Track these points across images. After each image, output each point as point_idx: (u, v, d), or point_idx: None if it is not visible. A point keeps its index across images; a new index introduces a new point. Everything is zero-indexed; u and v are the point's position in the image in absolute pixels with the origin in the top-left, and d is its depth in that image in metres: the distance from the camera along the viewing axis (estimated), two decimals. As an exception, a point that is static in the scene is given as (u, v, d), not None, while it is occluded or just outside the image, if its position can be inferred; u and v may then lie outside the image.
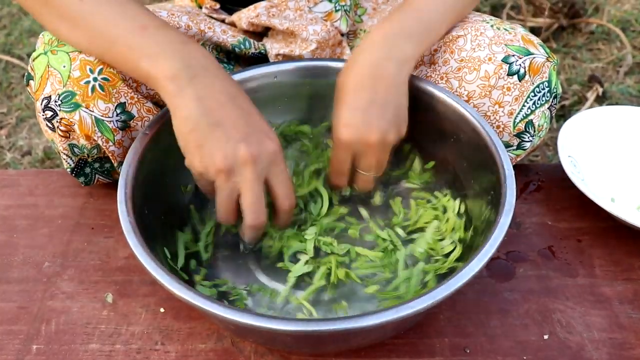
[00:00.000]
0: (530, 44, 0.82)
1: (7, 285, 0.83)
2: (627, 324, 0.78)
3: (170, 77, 0.65)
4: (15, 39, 1.91)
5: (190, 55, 0.67)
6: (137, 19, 0.68)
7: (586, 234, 0.90)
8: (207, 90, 0.66)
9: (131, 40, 0.68)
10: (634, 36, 1.83)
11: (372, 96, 0.74)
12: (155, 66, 0.66)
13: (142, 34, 0.67)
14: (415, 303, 0.58)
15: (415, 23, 0.79)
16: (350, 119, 0.74)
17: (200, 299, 0.59)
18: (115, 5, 0.69)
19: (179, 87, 0.65)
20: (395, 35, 0.77)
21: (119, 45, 0.68)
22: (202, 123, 0.65)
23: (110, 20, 0.69)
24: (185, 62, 0.66)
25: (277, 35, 0.94)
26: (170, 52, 0.66)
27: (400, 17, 0.79)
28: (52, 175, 1.01)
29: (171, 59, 0.66)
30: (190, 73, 0.66)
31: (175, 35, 0.68)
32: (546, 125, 0.87)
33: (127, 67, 0.69)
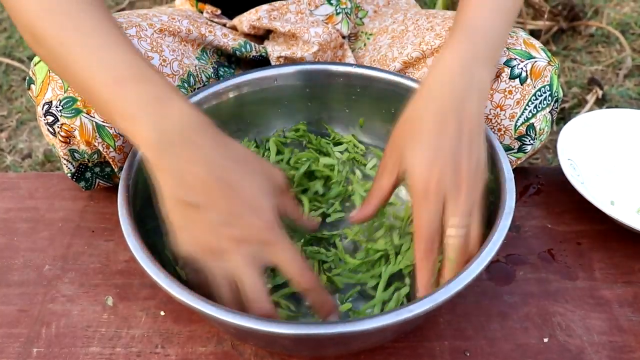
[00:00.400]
0: (532, 48, 0.83)
1: (8, 288, 0.83)
2: (627, 327, 0.78)
3: (145, 146, 0.59)
4: (16, 42, 1.92)
5: (165, 119, 0.59)
6: (114, 68, 0.60)
7: (586, 237, 0.90)
8: (183, 163, 0.58)
9: (106, 96, 0.60)
10: (634, 39, 1.83)
11: (458, 133, 0.64)
12: (130, 129, 0.59)
13: (117, 90, 0.60)
14: (416, 306, 0.58)
15: (485, 44, 0.70)
16: (435, 158, 0.63)
17: (200, 302, 0.59)
18: (93, 48, 0.61)
19: (155, 158, 0.59)
20: (473, 61, 0.69)
21: (95, 98, 0.62)
22: (180, 203, 0.59)
23: (87, 69, 0.61)
24: (158, 127, 0.58)
25: (279, 37, 0.94)
26: (145, 115, 0.58)
27: (470, 38, 0.70)
28: (52, 178, 1.01)
29: (145, 124, 0.58)
30: (164, 141, 0.58)
31: (151, 90, 0.60)
32: (547, 129, 0.87)
33: (108, 120, 0.65)
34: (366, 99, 0.89)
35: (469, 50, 0.69)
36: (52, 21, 0.62)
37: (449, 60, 0.69)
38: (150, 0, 2.12)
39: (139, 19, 0.84)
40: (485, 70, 0.70)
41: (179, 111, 0.60)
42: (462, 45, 0.70)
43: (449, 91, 0.66)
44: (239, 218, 0.58)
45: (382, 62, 0.93)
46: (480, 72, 0.69)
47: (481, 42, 0.70)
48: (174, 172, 0.58)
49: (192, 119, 0.60)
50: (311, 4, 0.94)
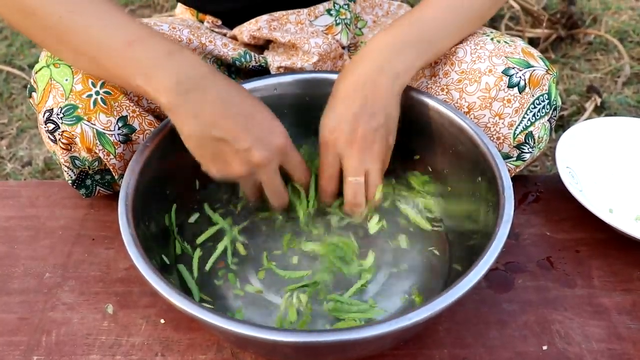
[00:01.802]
0: (530, 57, 0.83)
1: (8, 296, 0.84)
2: (626, 335, 0.78)
3: (163, 95, 0.65)
4: (17, 50, 1.92)
5: (179, 69, 0.66)
6: (121, 32, 0.66)
7: (584, 244, 0.90)
8: (201, 104, 0.66)
9: (117, 58, 0.66)
10: (632, 47, 1.84)
11: (361, 104, 0.75)
12: (146, 84, 0.65)
13: (127, 50, 0.66)
14: (414, 314, 0.58)
15: (416, 35, 0.79)
16: (337, 123, 0.75)
17: (200, 310, 0.59)
18: (98, 18, 0.67)
19: (174, 105, 0.66)
20: (393, 47, 0.77)
21: (105, 62, 0.67)
22: (205, 139, 0.68)
23: (94, 36, 0.66)
24: (174, 78, 0.65)
25: (279, 48, 0.95)
26: (159, 68, 0.65)
27: (401, 28, 0.79)
28: (53, 186, 1.01)
29: (160, 77, 0.65)
30: (181, 89, 0.65)
31: (161, 47, 0.67)
32: (546, 137, 0.87)
33: (119, 83, 0.69)
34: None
35: (393, 38, 0.78)
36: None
37: (372, 45, 0.78)
38: (150, 9, 2.12)
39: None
40: (406, 56, 0.77)
41: (190, 61, 0.67)
42: (388, 34, 0.79)
43: (362, 70, 0.77)
44: (262, 140, 0.69)
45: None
46: (398, 57, 0.77)
47: (411, 31, 0.79)
48: (194, 113, 0.66)
49: (201, 67, 0.68)
50: (311, 14, 0.95)
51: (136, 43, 0.66)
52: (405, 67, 0.77)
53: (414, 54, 0.78)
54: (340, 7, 0.96)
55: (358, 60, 0.78)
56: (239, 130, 0.68)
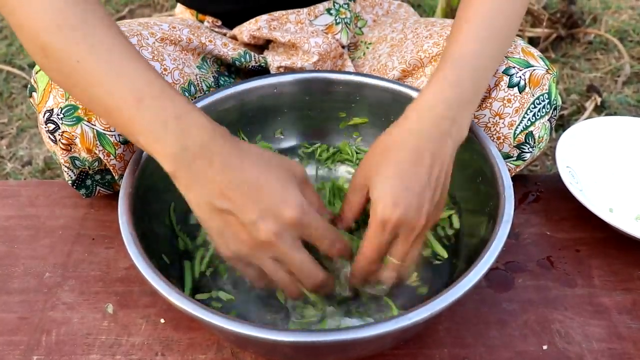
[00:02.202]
0: (530, 57, 0.83)
1: (8, 296, 0.84)
2: (626, 334, 0.78)
3: (168, 161, 0.61)
4: (17, 50, 1.92)
5: (185, 134, 0.60)
6: (133, 86, 0.61)
7: (585, 244, 0.91)
8: (206, 173, 0.60)
9: (126, 114, 0.61)
10: (632, 46, 1.84)
11: (428, 176, 0.66)
12: (152, 147, 0.61)
13: (137, 107, 0.60)
14: (414, 314, 0.58)
15: (471, 83, 0.71)
16: (404, 197, 0.64)
17: (200, 309, 0.59)
18: (113, 67, 0.61)
19: (179, 172, 0.61)
20: (457, 106, 0.70)
21: (115, 116, 0.62)
22: (213, 212, 0.61)
23: (106, 86, 0.61)
24: (181, 143, 0.60)
25: (278, 47, 0.95)
26: (165, 131, 0.60)
27: (457, 75, 0.71)
28: (53, 186, 1.01)
29: (166, 140, 0.60)
30: (187, 156, 0.60)
31: (171, 107, 0.61)
32: (546, 137, 0.87)
33: (130, 139, 0.64)
34: (365, 107, 0.89)
35: (454, 92, 0.70)
36: (65, 37, 0.60)
37: (434, 99, 0.70)
38: (150, 8, 2.12)
39: (140, 28, 0.85)
40: (467, 116, 0.71)
41: (198, 126, 0.61)
42: (449, 84, 0.70)
43: (429, 131, 0.68)
44: (272, 212, 0.60)
45: (382, 70, 0.93)
46: (462, 118, 0.70)
47: (468, 81, 0.71)
48: (199, 182, 0.61)
49: (209, 132, 0.61)
50: (311, 14, 0.95)
51: (146, 100, 0.61)
52: (468, 123, 0.72)
53: (473, 108, 0.72)
54: (340, 7, 0.96)
55: (420, 114, 0.69)
56: (245, 201, 0.60)
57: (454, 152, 0.69)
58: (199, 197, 0.61)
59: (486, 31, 0.74)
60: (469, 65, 0.72)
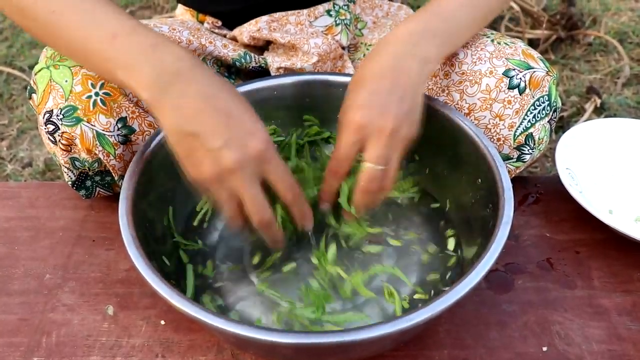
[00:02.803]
0: (530, 58, 0.83)
1: (8, 297, 0.84)
2: (626, 336, 0.78)
3: (145, 89, 0.63)
4: (17, 51, 1.92)
5: (162, 62, 0.64)
6: (106, 25, 0.65)
7: (584, 245, 0.91)
8: (181, 98, 0.63)
9: (103, 52, 0.65)
10: (631, 48, 1.84)
11: (392, 86, 0.71)
12: (129, 78, 0.64)
13: (112, 43, 0.65)
14: (415, 316, 0.58)
15: (441, 24, 0.77)
16: (368, 101, 0.70)
17: (200, 311, 0.59)
18: (85, 11, 0.66)
19: (155, 99, 0.63)
20: (420, 34, 0.75)
21: (92, 57, 0.67)
22: (181, 134, 0.63)
23: (81, 29, 0.66)
24: (156, 71, 0.63)
25: (278, 49, 0.95)
26: (142, 61, 0.64)
27: (425, 17, 0.78)
28: (53, 187, 1.01)
29: (142, 70, 0.63)
30: (162, 82, 0.63)
31: (145, 40, 0.65)
32: (546, 139, 0.87)
33: (106, 77, 0.69)
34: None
35: (419, 26, 0.76)
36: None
37: (399, 31, 0.76)
38: (150, 10, 2.13)
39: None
40: (432, 44, 0.75)
41: (174, 54, 0.64)
42: (414, 21, 0.77)
43: (391, 52, 0.74)
44: (238, 141, 0.63)
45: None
46: (426, 43, 0.75)
47: (435, 20, 0.77)
48: (173, 106, 0.63)
49: (186, 60, 0.64)
50: (311, 15, 0.95)
51: (120, 36, 0.65)
52: (434, 53, 0.76)
53: (439, 41, 0.76)
54: (340, 8, 0.96)
55: (384, 44, 0.75)
56: (214, 127, 0.62)
57: (420, 72, 0.73)
58: (171, 122, 0.63)
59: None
60: (441, 13, 0.78)
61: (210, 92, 0.64)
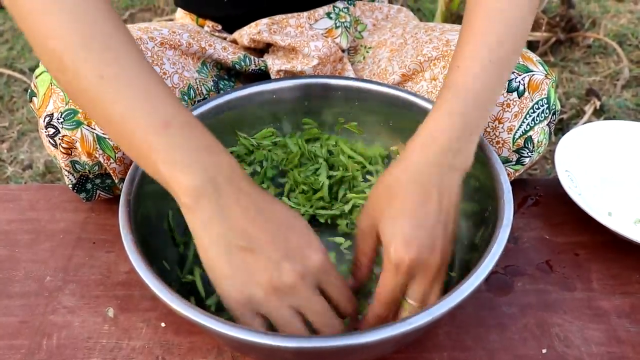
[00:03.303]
0: (529, 62, 0.83)
1: (9, 299, 0.84)
2: (625, 338, 0.79)
3: (190, 193, 0.56)
4: (17, 54, 1.93)
5: (215, 167, 0.57)
6: (160, 111, 0.57)
7: (584, 248, 0.91)
8: (233, 207, 0.57)
9: (150, 138, 0.56)
10: (631, 50, 1.85)
11: (437, 211, 0.63)
12: (174, 176, 0.56)
13: (163, 133, 0.56)
14: (416, 319, 0.59)
15: (476, 113, 0.67)
16: (415, 236, 0.62)
17: (201, 315, 0.59)
18: (139, 89, 0.57)
19: (200, 205, 0.57)
20: (462, 137, 0.66)
21: (136, 140, 0.57)
22: (232, 246, 0.57)
23: (129, 109, 0.56)
24: (208, 175, 0.56)
25: (278, 51, 0.95)
26: (193, 162, 0.56)
27: (461, 106, 0.67)
28: (53, 190, 1.01)
29: (193, 171, 0.56)
30: (212, 188, 0.56)
31: (200, 139, 0.58)
32: (545, 141, 0.88)
33: (145, 166, 0.59)
34: (365, 113, 0.90)
35: (458, 121, 0.66)
36: (90, 53, 0.56)
37: (437, 130, 0.66)
38: (150, 12, 2.13)
39: (140, 33, 0.85)
40: (472, 145, 0.68)
41: (228, 163, 0.59)
42: (450, 114, 0.66)
43: (434, 167, 0.65)
44: (298, 253, 0.58)
45: (382, 75, 0.94)
46: (467, 148, 0.67)
47: (471, 109, 0.67)
48: (222, 219, 0.57)
49: (238, 169, 0.59)
50: (311, 18, 0.95)
51: (173, 127, 0.57)
52: (472, 158, 0.68)
53: (477, 138, 0.68)
54: (340, 11, 0.96)
55: (422, 148, 0.66)
56: (273, 238, 0.57)
57: (460, 183, 0.67)
58: (217, 234, 0.57)
59: (491, 54, 0.68)
60: (472, 93, 0.67)
61: (263, 203, 0.59)
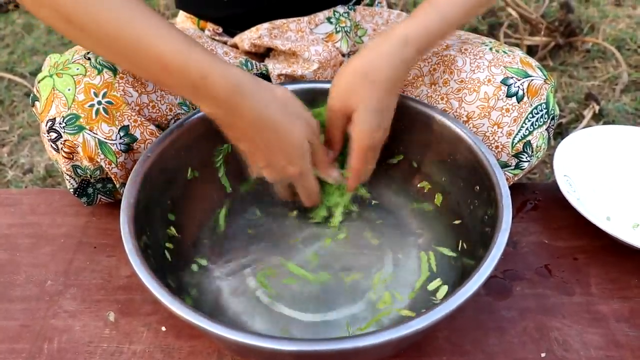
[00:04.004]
0: (528, 67, 0.84)
1: (10, 303, 0.84)
2: (624, 342, 0.79)
3: (223, 92, 0.67)
4: (18, 57, 1.93)
5: (234, 71, 0.68)
6: (180, 40, 0.67)
7: (582, 252, 0.91)
8: (256, 105, 0.69)
9: (178, 61, 0.66)
10: (629, 54, 1.85)
11: (394, 103, 0.79)
12: (205, 84, 0.66)
13: (188, 54, 0.66)
14: (415, 323, 0.59)
15: (438, 25, 0.77)
16: (378, 125, 0.77)
17: (202, 318, 0.60)
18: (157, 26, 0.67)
19: (233, 102, 0.68)
20: (424, 38, 0.76)
21: (162, 65, 0.66)
22: (253, 138, 0.72)
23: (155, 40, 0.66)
24: (234, 79, 0.68)
25: (279, 56, 0.96)
26: (220, 69, 0.67)
27: (427, 18, 0.77)
28: (54, 194, 1.02)
29: (221, 78, 0.67)
30: (239, 89, 0.68)
31: (212, 54, 0.68)
32: (544, 146, 0.88)
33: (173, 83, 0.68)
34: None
35: (423, 27, 0.76)
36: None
37: (405, 29, 0.76)
38: (151, 16, 2.13)
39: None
40: (426, 50, 0.79)
41: (237, 68, 0.70)
42: (418, 21, 0.77)
43: (399, 59, 0.75)
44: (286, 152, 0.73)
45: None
46: (423, 50, 0.78)
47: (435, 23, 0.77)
48: (251, 112, 0.69)
49: (248, 73, 0.70)
50: (311, 22, 0.96)
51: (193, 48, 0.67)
52: (415, 31, 0.76)
53: (423, 19, 0.77)
54: (340, 16, 0.97)
55: (386, 43, 0.77)
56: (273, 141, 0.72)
57: (396, 51, 0.76)
58: (247, 126, 0.71)
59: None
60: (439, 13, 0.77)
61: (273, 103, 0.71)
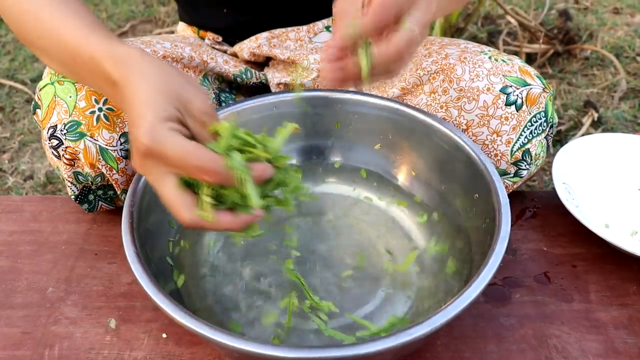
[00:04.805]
0: (527, 75, 0.85)
1: (11, 310, 0.84)
2: (623, 349, 0.79)
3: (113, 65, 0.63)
4: (19, 64, 1.94)
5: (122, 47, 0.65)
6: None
7: (581, 259, 0.91)
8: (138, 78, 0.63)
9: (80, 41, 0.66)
10: (628, 62, 1.86)
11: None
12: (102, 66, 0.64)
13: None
14: (414, 330, 0.59)
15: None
16: (426, 27, 0.63)
17: (202, 326, 0.60)
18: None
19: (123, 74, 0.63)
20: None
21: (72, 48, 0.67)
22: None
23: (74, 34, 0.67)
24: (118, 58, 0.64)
25: (278, 64, 0.96)
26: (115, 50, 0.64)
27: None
28: (56, 201, 1.02)
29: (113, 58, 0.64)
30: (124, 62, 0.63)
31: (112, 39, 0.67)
32: (543, 154, 0.89)
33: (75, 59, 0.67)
34: (364, 125, 0.91)
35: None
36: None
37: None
38: (151, 24, 2.14)
39: (143, 46, 0.86)
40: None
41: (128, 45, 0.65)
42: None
43: None
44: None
45: (381, 88, 0.95)
46: None
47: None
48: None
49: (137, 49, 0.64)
50: (310, 31, 0.96)
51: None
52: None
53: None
54: (339, 25, 0.97)
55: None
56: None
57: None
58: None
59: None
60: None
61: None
